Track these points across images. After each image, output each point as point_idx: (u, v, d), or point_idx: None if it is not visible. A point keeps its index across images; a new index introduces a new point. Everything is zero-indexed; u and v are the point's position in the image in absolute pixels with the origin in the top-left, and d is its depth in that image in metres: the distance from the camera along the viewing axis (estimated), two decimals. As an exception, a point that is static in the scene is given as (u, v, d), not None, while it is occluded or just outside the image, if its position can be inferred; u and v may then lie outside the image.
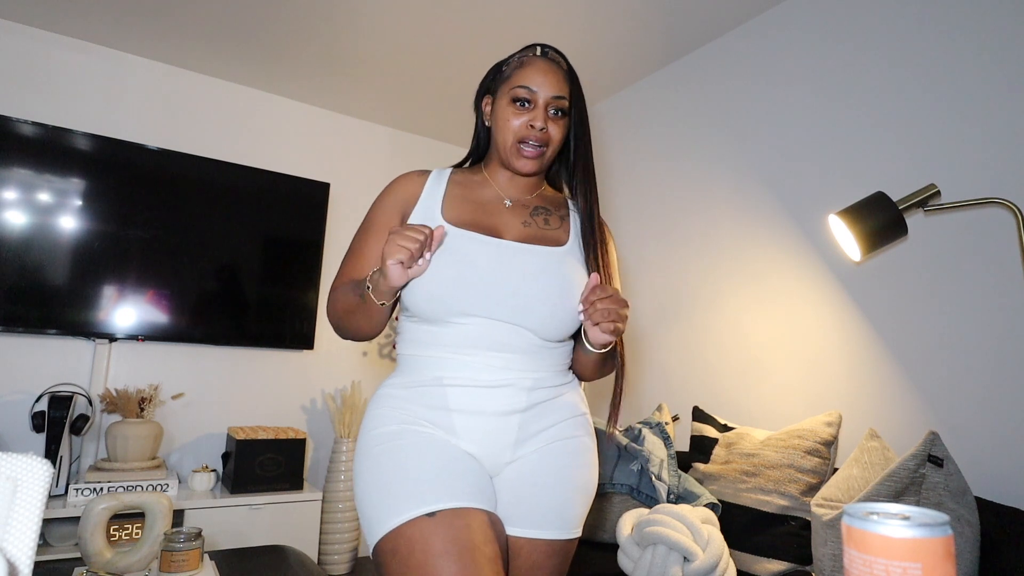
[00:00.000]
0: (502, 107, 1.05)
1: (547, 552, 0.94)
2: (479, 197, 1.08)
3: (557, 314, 0.97)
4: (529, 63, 1.05)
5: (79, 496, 2.18)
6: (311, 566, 1.64)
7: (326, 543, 2.67)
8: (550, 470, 0.96)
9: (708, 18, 2.22)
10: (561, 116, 1.04)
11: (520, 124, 1.02)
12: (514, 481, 0.95)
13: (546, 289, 0.97)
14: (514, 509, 0.94)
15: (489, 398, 0.95)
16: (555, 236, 1.05)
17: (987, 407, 1.46)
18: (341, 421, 2.79)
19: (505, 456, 0.96)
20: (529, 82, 1.02)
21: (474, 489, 0.90)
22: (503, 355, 0.96)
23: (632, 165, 2.69)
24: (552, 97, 1.02)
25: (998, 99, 1.52)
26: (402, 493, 0.86)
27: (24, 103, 2.45)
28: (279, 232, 2.90)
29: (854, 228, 1.34)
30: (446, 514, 0.84)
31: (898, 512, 0.42)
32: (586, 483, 0.99)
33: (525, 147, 1.03)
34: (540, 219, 1.07)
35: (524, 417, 0.97)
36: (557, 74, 1.04)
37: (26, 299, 2.33)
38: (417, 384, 0.98)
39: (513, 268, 0.97)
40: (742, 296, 2.11)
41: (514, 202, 1.08)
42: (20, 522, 0.48)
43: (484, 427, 0.95)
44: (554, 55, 1.08)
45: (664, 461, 1.77)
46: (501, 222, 1.05)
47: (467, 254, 0.97)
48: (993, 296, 1.48)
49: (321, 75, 2.81)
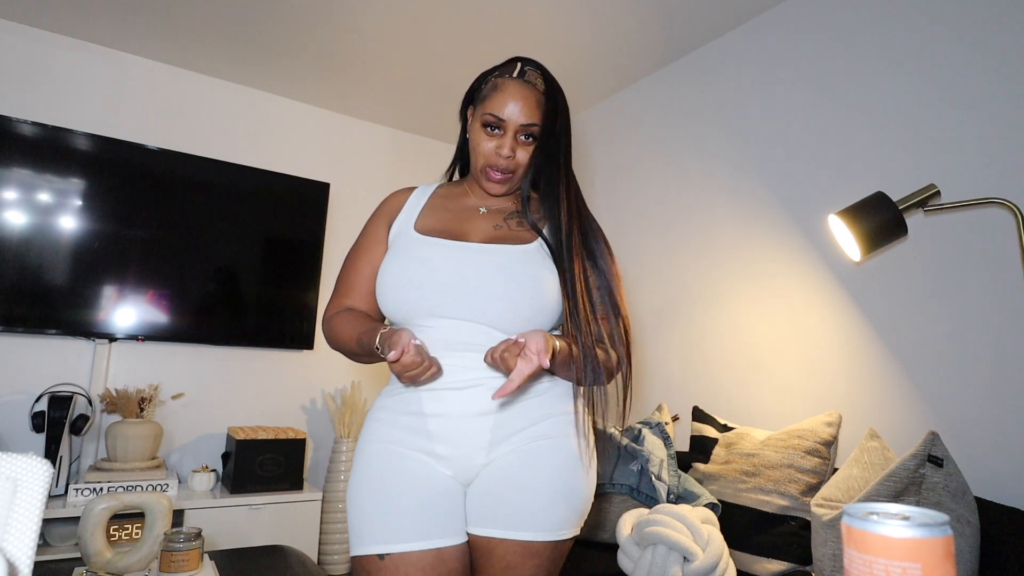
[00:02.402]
0: (475, 129, 1.07)
1: (522, 553, 0.92)
2: (456, 206, 1.12)
3: (519, 310, 0.97)
4: (503, 87, 1.04)
5: (79, 496, 2.18)
6: (311, 566, 1.64)
7: (326, 543, 2.66)
8: (526, 471, 0.95)
9: (708, 18, 2.22)
10: (532, 141, 1.06)
11: (489, 150, 1.05)
12: (489, 483, 0.95)
13: (506, 285, 0.97)
14: (489, 511, 0.94)
15: (459, 400, 0.96)
16: (524, 235, 1.06)
17: (987, 407, 1.46)
18: (341, 421, 2.79)
19: (479, 458, 0.96)
20: (499, 111, 1.03)
21: (432, 523, 0.93)
22: (471, 355, 0.96)
23: (632, 165, 2.69)
24: (522, 125, 1.03)
25: (998, 99, 1.52)
26: (364, 526, 0.94)
27: (24, 103, 2.44)
28: (279, 232, 2.89)
29: (854, 228, 1.34)
30: (394, 559, 0.90)
31: (898, 512, 0.42)
32: (570, 484, 0.96)
33: (492, 172, 1.06)
34: (513, 222, 1.09)
35: (498, 418, 0.96)
36: (529, 100, 1.03)
37: (26, 299, 2.33)
38: (398, 391, 1.02)
39: (471, 268, 0.99)
40: (742, 296, 2.11)
41: (490, 209, 1.11)
42: (20, 522, 0.48)
43: (456, 429, 0.96)
44: (532, 75, 1.06)
45: (664, 461, 1.77)
46: (471, 227, 1.07)
47: (427, 259, 1.00)
48: (993, 296, 1.48)
49: (321, 75, 2.81)
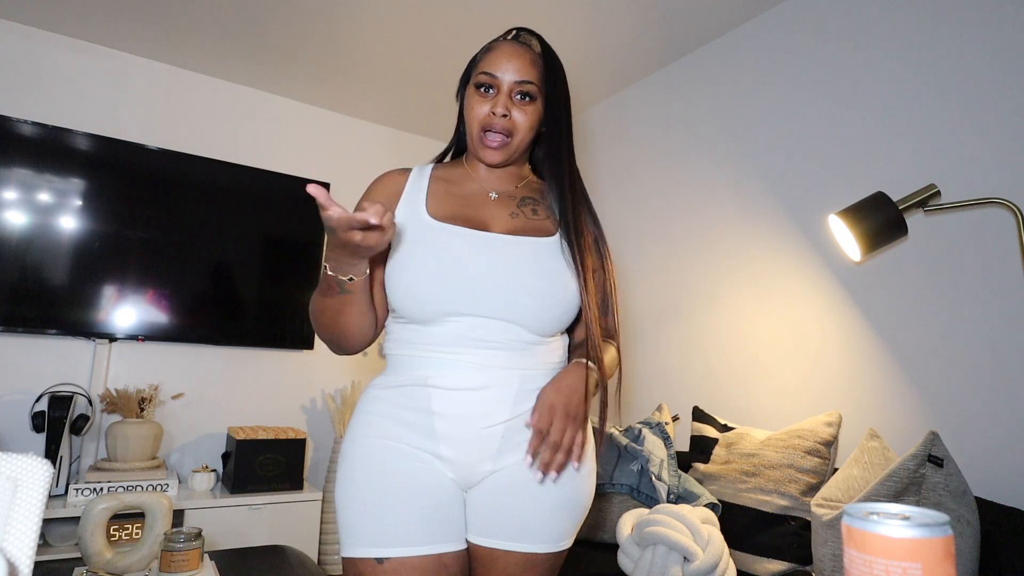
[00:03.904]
0: (468, 95, 1.00)
1: (523, 565, 0.91)
2: (463, 191, 1.03)
3: (548, 306, 0.93)
4: (495, 48, 1.00)
5: (79, 496, 2.18)
6: (311, 566, 1.64)
7: (326, 543, 2.66)
8: (531, 483, 0.92)
9: (708, 18, 2.22)
10: (529, 101, 0.98)
11: (483, 112, 0.97)
12: (493, 492, 0.92)
13: (537, 281, 0.93)
14: (491, 521, 0.91)
15: (471, 402, 0.91)
16: (543, 226, 1.00)
17: (987, 407, 1.46)
18: (341, 421, 2.79)
19: (486, 466, 0.92)
20: (492, 67, 0.97)
21: (434, 528, 0.88)
22: (489, 352, 0.92)
23: (632, 165, 2.69)
24: (516, 82, 0.96)
25: (998, 99, 1.52)
26: (360, 527, 0.87)
27: (24, 103, 2.44)
28: (279, 232, 2.90)
29: (854, 228, 1.34)
30: (394, 563, 0.85)
31: (898, 512, 0.42)
32: (573, 497, 0.94)
33: (487, 136, 0.98)
34: (528, 209, 1.02)
35: (508, 427, 0.92)
36: (524, 57, 0.98)
37: (26, 299, 2.33)
38: (402, 383, 0.94)
39: (502, 261, 0.93)
40: (742, 296, 2.11)
41: (500, 194, 1.03)
42: (20, 522, 0.48)
43: (465, 434, 0.91)
44: (526, 37, 1.02)
45: (664, 461, 1.77)
46: (488, 215, 0.99)
47: (452, 250, 0.92)
48: (993, 296, 1.48)
49: (321, 75, 2.81)
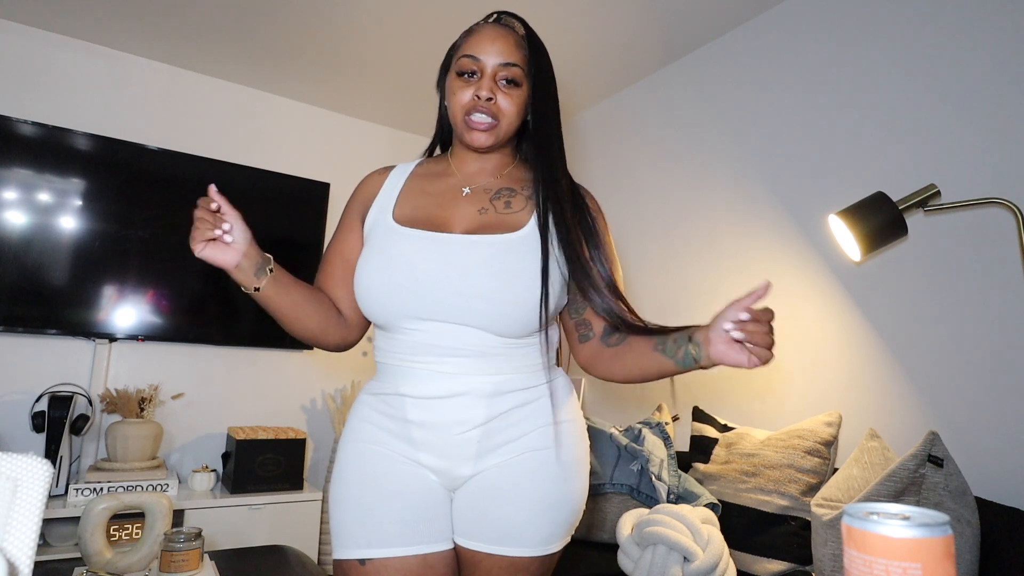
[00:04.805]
0: (450, 81, 0.97)
1: (508, 569, 0.89)
2: (437, 188, 1.01)
3: (508, 310, 0.88)
4: (477, 30, 0.97)
5: (79, 496, 2.17)
6: (311, 566, 1.64)
7: (326, 543, 2.66)
8: (513, 484, 0.90)
9: (708, 18, 2.22)
10: (514, 86, 0.95)
11: (467, 97, 0.94)
12: (474, 495, 0.91)
13: (493, 283, 0.88)
14: (474, 524, 0.90)
15: (445, 409, 0.90)
16: (513, 220, 0.95)
17: (987, 407, 1.46)
18: (341, 421, 2.79)
19: (465, 469, 0.91)
20: (474, 50, 0.94)
21: (417, 529, 0.89)
22: (456, 360, 0.89)
23: (632, 165, 2.69)
24: (500, 64, 0.93)
25: (998, 99, 1.52)
26: (346, 529, 0.90)
27: (24, 103, 2.44)
28: (279, 232, 2.89)
29: (854, 228, 1.34)
30: (376, 564, 0.87)
31: (898, 512, 0.42)
32: (559, 499, 0.92)
33: (473, 120, 0.94)
34: (501, 203, 0.98)
35: (486, 429, 0.90)
36: (507, 39, 0.95)
37: (26, 299, 2.32)
38: (382, 392, 0.95)
39: (454, 264, 0.89)
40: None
41: (474, 189, 1.00)
42: (20, 522, 0.48)
43: (441, 440, 0.90)
44: (509, 20, 1.00)
45: (664, 461, 1.77)
46: (454, 213, 0.97)
47: (406, 255, 0.91)
48: (993, 296, 1.48)
49: (321, 75, 2.81)
